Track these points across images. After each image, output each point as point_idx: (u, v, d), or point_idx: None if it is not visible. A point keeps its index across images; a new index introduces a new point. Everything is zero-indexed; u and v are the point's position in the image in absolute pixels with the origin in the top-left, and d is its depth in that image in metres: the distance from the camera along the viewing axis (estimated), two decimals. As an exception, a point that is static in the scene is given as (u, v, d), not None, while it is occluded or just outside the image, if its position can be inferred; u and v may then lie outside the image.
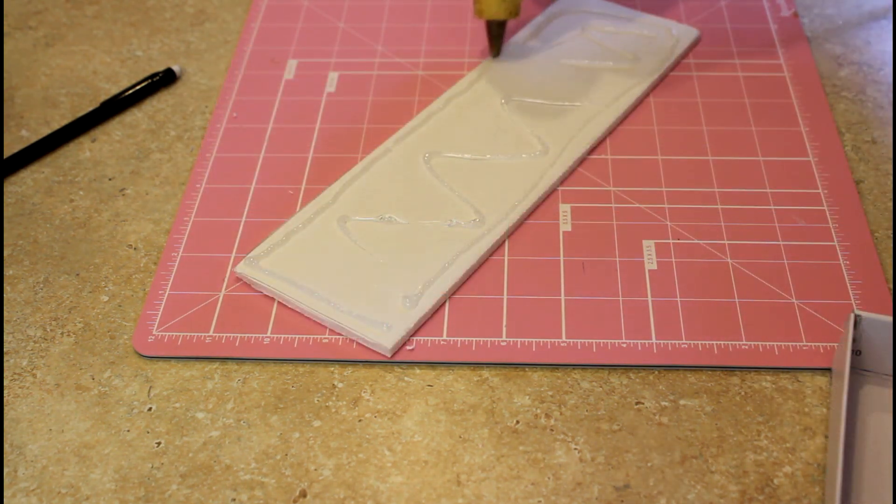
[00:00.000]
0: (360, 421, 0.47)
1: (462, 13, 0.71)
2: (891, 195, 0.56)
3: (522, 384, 0.48)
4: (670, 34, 0.67)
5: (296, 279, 0.52)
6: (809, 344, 0.49)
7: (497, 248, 0.54)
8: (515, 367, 0.49)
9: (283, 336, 0.50)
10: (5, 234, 0.57)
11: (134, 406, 0.48)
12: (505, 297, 0.52)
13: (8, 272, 0.55)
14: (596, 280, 0.52)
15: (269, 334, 0.50)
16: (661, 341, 0.49)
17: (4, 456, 0.46)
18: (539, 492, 0.44)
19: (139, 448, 0.46)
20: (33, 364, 0.50)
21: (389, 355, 0.49)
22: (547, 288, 0.52)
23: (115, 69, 0.68)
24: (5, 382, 0.49)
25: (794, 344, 0.49)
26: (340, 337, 0.50)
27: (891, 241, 0.54)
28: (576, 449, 0.45)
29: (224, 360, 0.50)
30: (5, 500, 0.44)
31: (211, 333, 0.50)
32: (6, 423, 0.47)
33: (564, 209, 0.56)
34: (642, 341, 0.49)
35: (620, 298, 0.51)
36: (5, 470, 0.45)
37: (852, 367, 0.47)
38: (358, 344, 0.50)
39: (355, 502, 0.44)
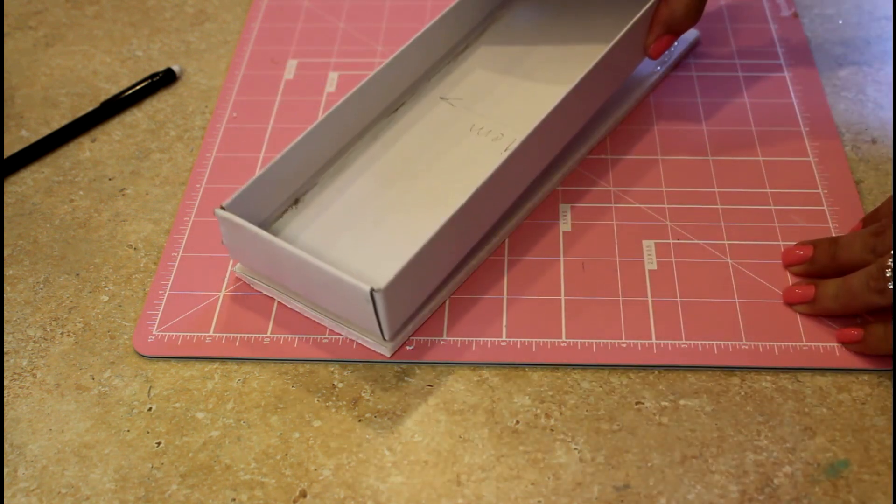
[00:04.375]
0: (360, 421, 0.47)
1: (462, 13, 0.71)
2: (891, 195, 0.56)
3: (522, 384, 0.48)
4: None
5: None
6: (809, 344, 0.49)
7: (497, 247, 0.54)
8: (515, 367, 0.49)
9: (283, 336, 0.50)
10: (5, 234, 0.57)
11: (134, 406, 0.48)
12: (505, 297, 0.52)
13: (8, 272, 0.55)
14: (596, 280, 0.52)
15: (269, 334, 0.50)
16: (661, 341, 0.49)
17: (4, 456, 0.46)
18: (539, 492, 0.44)
19: (139, 448, 0.46)
20: (33, 364, 0.50)
21: (388, 355, 0.49)
22: (547, 288, 0.52)
23: (115, 69, 0.68)
24: (5, 382, 0.49)
25: (794, 344, 0.49)
26: (340, 337, 0.50)
27: (891, 241, 0.54)
28: (576, 449, 0.45)
29: (224, 360, 0.50)
30: (5, 500, 0.44)
31: (211, 333, 0.50)
32: (6, 423, 0.47)
33: (564, 209, 0.56)
34: (642, 341, 0.49)
35: (620, 298, 0.51)
36: (5, 470, 0.45)
37: None
38: (358, 344, 0.50)
39: (355, 502, 0.44)
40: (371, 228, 0.53)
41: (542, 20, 0.65)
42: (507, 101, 0.60)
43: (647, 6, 0.57)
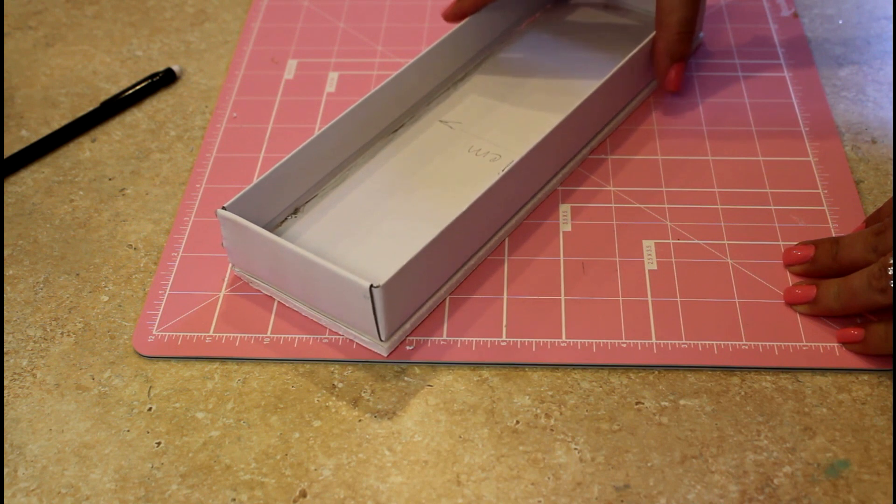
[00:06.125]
0: (359, 421, 0.47)
1: (462, 13, 0.71)
2: (891, 195, 0.56)
3: (522, 384, 0.48)
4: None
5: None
6: (809, 344, 0.49)
7: (497, 247, 0.54)
8: (515, 367, 0.49)
9: (283, 336, 0.50)
10: (5, 234, 0.57)
11: (134, 406, 0.48)
12: (505, 297, 0.52)
13: (8, 272, 0.55)
14: (596, 280, 0.52)
15: (269, 334, 0.50)
16: (661, 341, 0.49)
17: (4, 456, 0.46)
18: (539, 492, 0.44)
19: (139, 448, 0.46)
20: (33, 364, 0.50)
21: (385, 354, 0.49)
22: (547, 288, 0.52)
23: (115, 69, 0.68)
24: (5, 382, 0.49)
25: (794, 344, 0.49)
26: (340, 337, 0.50)
27: (891, 241, 0.54)
28: (576, 449, 0.45)
29: (224, 360, 0.50)
30: (5, 500, 0.44)
31: (211, 333, 0.50)
32: (6, 423, 0.47)
33: (564, 209, 0.56)
34: (642, 341, 0.49)
35: (620, 298, 0.51)
36: (5, 470, 0.45)
37: None
38: (358, 344, 0.50)
39: (355, 502, 0.44)
40: (369, 236, 0.53)
41: (540, 53, 0.66)
42: (505, 125, 0.60)
43: (643, 42, 0.59)
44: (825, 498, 0.43)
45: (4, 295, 0.53)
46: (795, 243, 0.53)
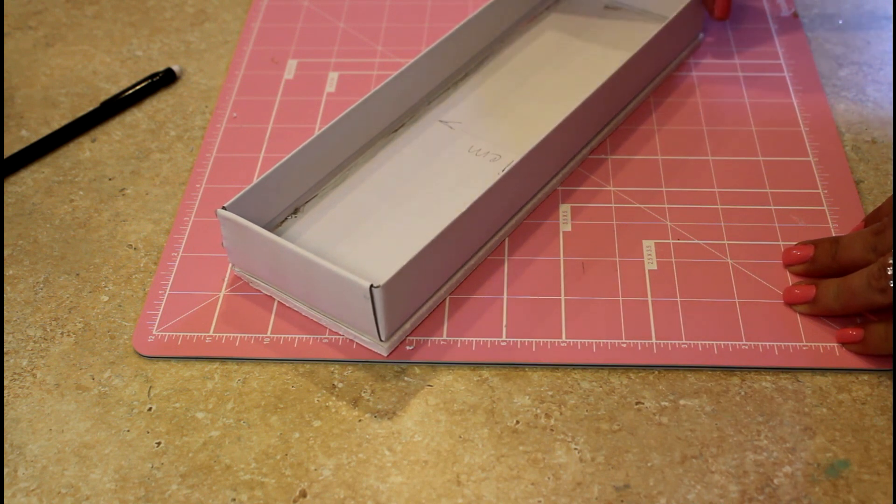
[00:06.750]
0: (359, 421, 0.47)
1: (462, 13, 0.71)
2: (891, 195, 0.56)
3: (522, 384, 0.48)
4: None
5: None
6: (809, 344, 0.49)
7: (497, 247, 0.54)
8: (515, 367, 0.49)
9: (283, 336, 0.50)
10: (5, 234, 0.57)
11: (134, 406, 0.48)
12: (505, 297, 0.52)
13: (8, 272, 0.55)
14: (596, 280, 0.52)
15: (269, 334, 0.50)
16: (661, 341, 0.49)
17: (4, 456, 0.46)
18: (539, 492, 0.44)
19: (139, 448, 0.46)
20: (33, 364, 0.50)
21: (385, 354, 0.49)
22: (547, 288, 0.52)
23: (115, 69, 0.68)
24: (5, 382, 0.49)
25: (794, 344, 0.49)
26: (340, 337, 0.50)
27: (891, 241, 0.54)
28: (576, 449, 0.45)
29: (224, 360, 0.50)
30: (5, 500, 0.44)
31: (211, 333, 0.50)
32: (6, 423, 0.47)
33: (564, 209, 0.56)
34: (642, 341, 0.49)
35: (620, 298, 0.51)
36: (5, 470, 0.45)
37: None
38: (358, 344, 0.50)
39: (355, 502, 0.44)
40: (369, 236, 0.53)
41: (540, 53, 0.66)
42: (505, 125, 0.60)
43: (643, 43, 0.58)
44: (825, 498, 0.43)
45: (4, 295, 0.53)
46: (795, 243, 0.53)
